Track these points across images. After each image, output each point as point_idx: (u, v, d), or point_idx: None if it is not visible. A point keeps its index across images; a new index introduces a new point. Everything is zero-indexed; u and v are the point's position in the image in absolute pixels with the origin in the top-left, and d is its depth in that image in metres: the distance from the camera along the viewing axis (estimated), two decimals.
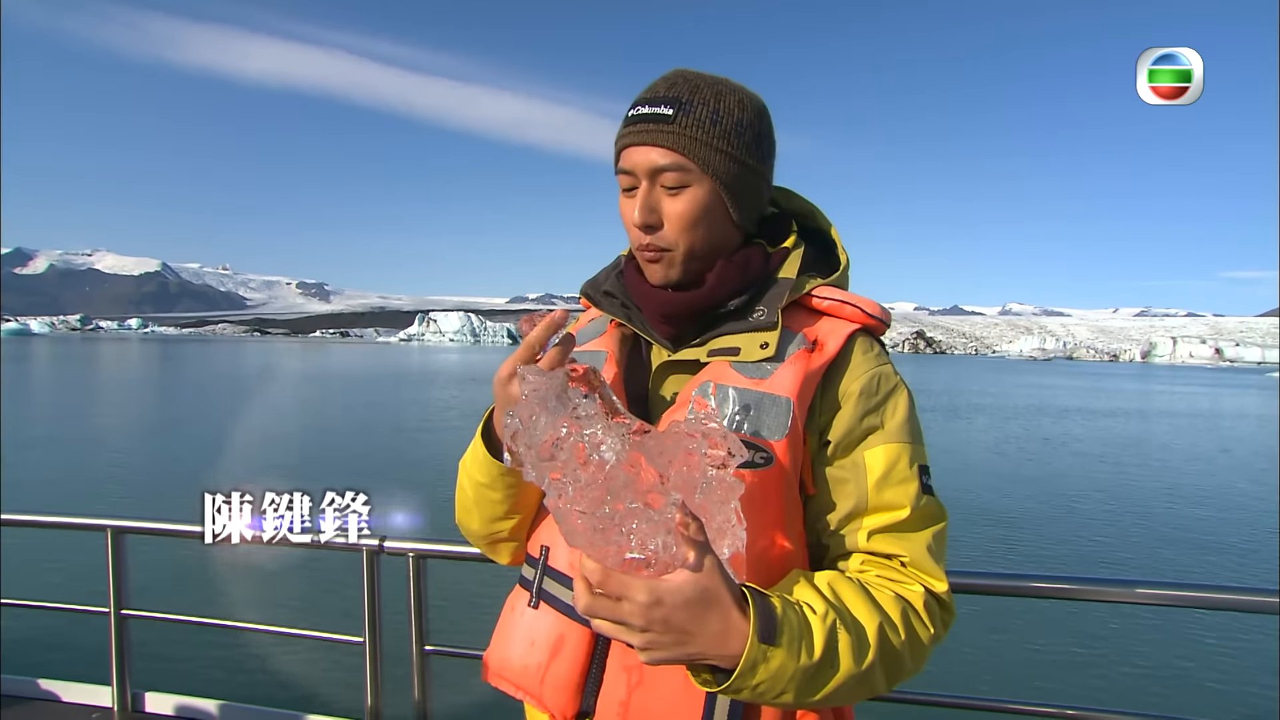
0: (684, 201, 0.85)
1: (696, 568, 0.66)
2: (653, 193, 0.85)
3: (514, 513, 0.93)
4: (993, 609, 5.73)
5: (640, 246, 0.88)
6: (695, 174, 0.84)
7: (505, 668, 0.92)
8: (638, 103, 0.87)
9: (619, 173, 0.88)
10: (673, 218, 0.85)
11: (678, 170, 0.84)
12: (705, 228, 0.86)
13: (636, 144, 0.85)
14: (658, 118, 0.84)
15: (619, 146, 0.88)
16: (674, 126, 0.83)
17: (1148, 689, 4.91)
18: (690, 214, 0.85)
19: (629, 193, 0.88)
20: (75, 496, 9.73)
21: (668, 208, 0.85)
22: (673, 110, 0.84)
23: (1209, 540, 9.09)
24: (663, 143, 0.83)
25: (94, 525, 1.87)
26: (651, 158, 0.84)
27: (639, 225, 0.86)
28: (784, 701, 0.72)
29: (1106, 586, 1.41)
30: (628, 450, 0.66)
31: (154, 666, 4.05)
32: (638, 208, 0.85)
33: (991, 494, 11.40)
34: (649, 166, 0.84)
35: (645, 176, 0.85)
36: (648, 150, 0.84)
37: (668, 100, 0.84)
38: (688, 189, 0.84)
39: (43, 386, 30.95)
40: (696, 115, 0.83)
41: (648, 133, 0.84)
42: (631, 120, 0.86)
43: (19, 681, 2.07)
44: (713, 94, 0.85)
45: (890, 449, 0.84)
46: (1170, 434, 22.03)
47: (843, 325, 0.88)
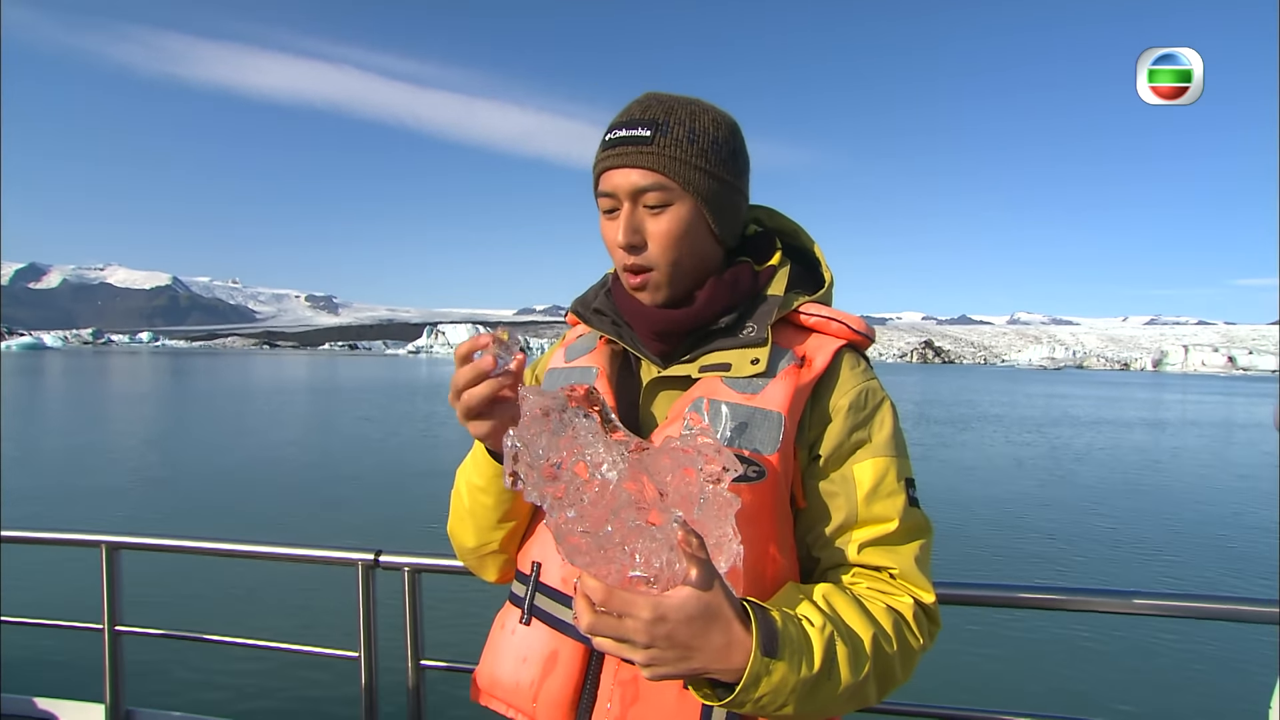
0: (667, 220, 0.86)
1: (699, 583, 0.67)
2: (635, 213, 0.86)
3: (506, 520, 0.93)
4: (994, 618, 5.72)
5: (625, 267, 0.89)
6: (676, 192, 0.85)
7: (496, 686, 0.92)
8: (614, 126, 0.88)
9: (600, 195, 0.89)
10: (656, 237, 0.86)
11: (659, 190, 0.85)
12: (689, 245, 0.87)
13: (616, 166, 0.86)
14: (636, 139, 0.85)
15: (598, 170, 0.89)
16: (653, 147, 0.84)
17: (1148, 700, 4.87)
18: (673, 232, 0.86)
19: (610, 215, 0.89)
20: (75, 511, 9.77)
21: (651, 227, 0.86)
22: (650, 131, 0.85)
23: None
24: (643, 164, 0.85)
25: (88, 541, 1.86)
26: (632, 179, 0.85)
27: (623, 246, 0.87)
28: (784, 714, 0.72)
29: (1104, 598, 1.40)
30: (628, 468, 0.67)
31: (148, 683, 4.04)
32: (621, 229, 0.86)
33: (1017, 506, 11.25)
34: (630, 188, 0.85)
35: (627, 198, 0.86)
36: (628, 172, 0.85)
37: (644, 122, 0.86)
38: (670, 208, 0.86)
39: (54, 399, 31.21)
40: (674, 135, 0.85)
41: (627, 155, 0.85)
42: (609, 144, 0.87)
43: (13, 700, 2.06)
44: (687, 114, 0.87)
45: (879, 463, 0.85)
46: (1206, 444, 21.70)
47: (830, 341, 0.90)
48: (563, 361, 1.01)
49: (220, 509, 10.14)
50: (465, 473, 0.95)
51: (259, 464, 14.32)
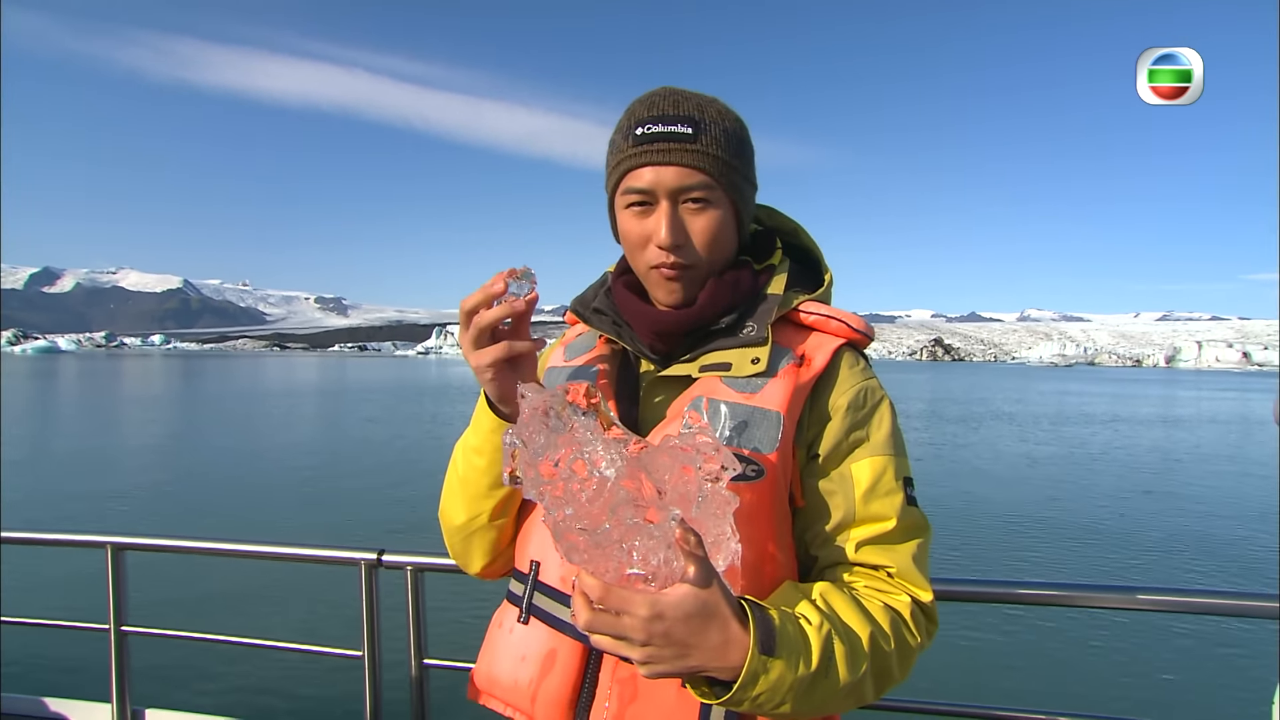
0: (708, 219, 0.85)
1: (696, 581, 0.66)
2: (677, 211, 0.85)
3: (498, 487, 0.92)
4: (997, 616, 5.70)
5: (659, 265, 0.87)
6: (718, 192, 0.85)
7: (494, 685, 0.91)
8: (646, 121, 0.86)
9: (629, 191, 0.87)
10: (698, 234, 0.86)
11: (704, 189, 0.84)
12: (725, 243, 0.88)
13: (657, 163, 0.84)
14: (678, 136, 0.84)
15: (630, 165, 0.86)
16: (696, 145, 0.84)
17: (1151, 696, 4.85)
18: (714, 230, 0.86)
19: (640, 210, 0.87)
20: (82, 512, 9.84)
21: (692, 225, 0.86)
22: (692, 129, 0.84)
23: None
24: (687, 162, 0.84)
25: (93, 542, 1.86)
26: (676, 177, 0.84)
27: (667, 245, 0.85)
28: (782, 712, 0.71)
29: (1108, 593, 1.39)
30: (627, 466, 0.67)
31: (154, 683, 4.07)
32: (667, 227, 0.85)
33: (1032, 506, 11.14)
34: (673, 185, 0.84)
35: (666, 196, 0.85)
36: (671, 170, 0.84)
37: (682, 119, 0.85)
38: (711, 206, 0.85)
39: (68, 402, 31.57)
40: (713, 134, 0.84)
41: (670, 151, 0.84)
42: (645, 139, 0.85)
43: (19, 700, 2.07)
44: (717, 112, 0.86)
45: (877, 461, 0.85)
46: (1227, 441, 21.40)
47: (829, 340, 0.89)
48: (562, 360, 1.01)
49: (226, 510, 10.22)
50: (462, 440, 0.94)
51: (265, 465, 14.44)
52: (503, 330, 0.81)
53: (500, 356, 0.80)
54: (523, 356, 0.82)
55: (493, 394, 0.84)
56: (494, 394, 0.84)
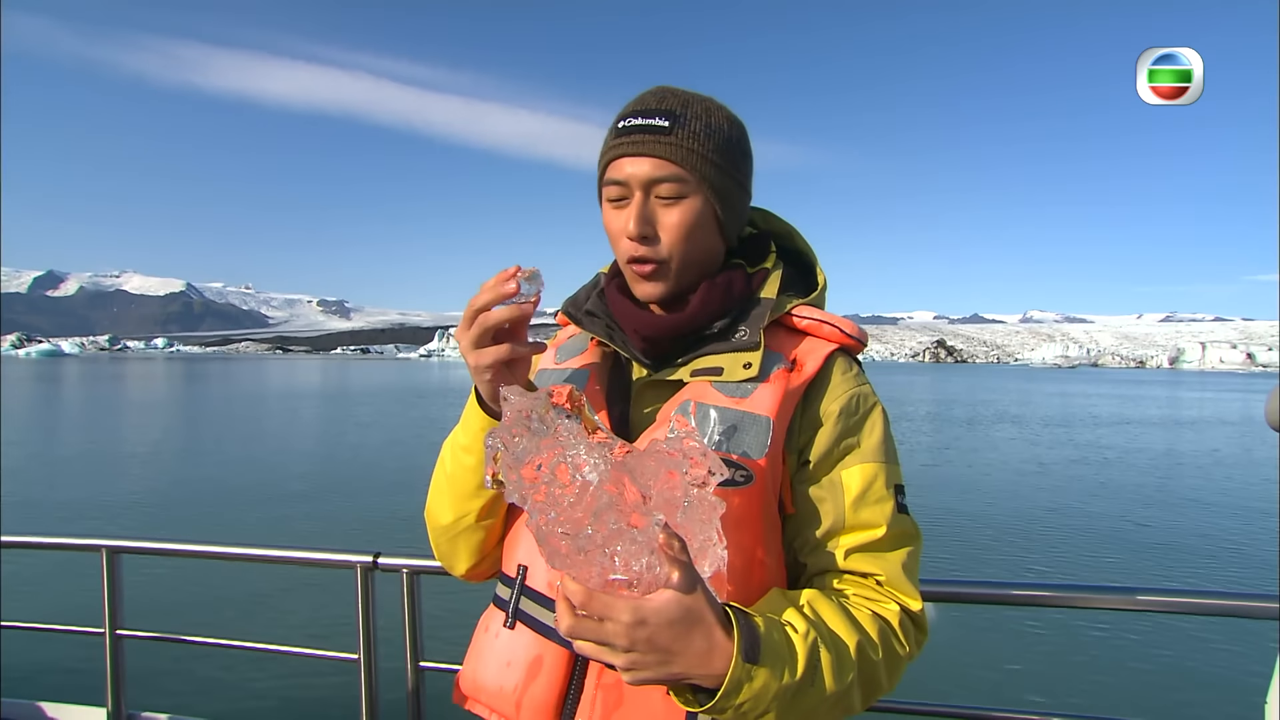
0: (680, 212, 0.85)
1: (680, 587, 0.66)
2: (648, 204, 0.85)
3: (485, 488, 0.89)
4: (997, 616, 5.67)
5: (632, 259, 0.87)
6: (691, 185, 0.84)
7: (480, 690, 0.91)
8: (627, 114, 0.86)
9: (608, 184, 0.87)
10: (669, 228, 0.85)
11: (675, 181, 0.84)
12: (699, 239, 0.87)
13: (632, 154, 0.84)
14: (653, 129, 0.84)
15: (609, 158, 0.87)
16: (671, 137, 0.84)
17: (1149, 696, 4.84)
18: (686, 224, 0.85)
19: (618, 204, 0.87)
20: (81, 515, 9.83)
21: (663, 218, 0.85)
22: (668, 122, 0.84)
23: None
24: (660, 153, 0.83)
25: (89, 545, 1.86)
26: (648, 169, 0.84)
27: (634, 236, 0.85)
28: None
29: (1107, 594, 1.39)
30: (610, 471, 0.66)
31: (150, 687, 4.05)
32: (633, 218, 0.85)
33: (1040, 510, 11.05)
34: (645, 177, 0.84)
35: (639, 187, 0.85)
36: (643, 161, 0.84)
37: (661, 112, 0.84)
38: (684, 200, 0.84)
39: (71, 405, 31.61)
40: (691, 128, 0.84)
41: (644, 143, 0.84)
42: (624, 131, 0.85)
43: (15, 705, 2.06)
44: (702, 108, 0.86)
45: (867, 469, 0.84)
46: (1237, 444, 21.28)
47: (822, 345, 0.89)
48: (553, 362, 1.00)
49: (224, 513, 10.18)
50: (451, 437, 0.93)
51: (264, 468, 14.38)
52: (503, 330, 0.80)
53: (502, 358, 0.79)
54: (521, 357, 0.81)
55: (488, 394, 0.84)
56: (489, 394, 0.83)
